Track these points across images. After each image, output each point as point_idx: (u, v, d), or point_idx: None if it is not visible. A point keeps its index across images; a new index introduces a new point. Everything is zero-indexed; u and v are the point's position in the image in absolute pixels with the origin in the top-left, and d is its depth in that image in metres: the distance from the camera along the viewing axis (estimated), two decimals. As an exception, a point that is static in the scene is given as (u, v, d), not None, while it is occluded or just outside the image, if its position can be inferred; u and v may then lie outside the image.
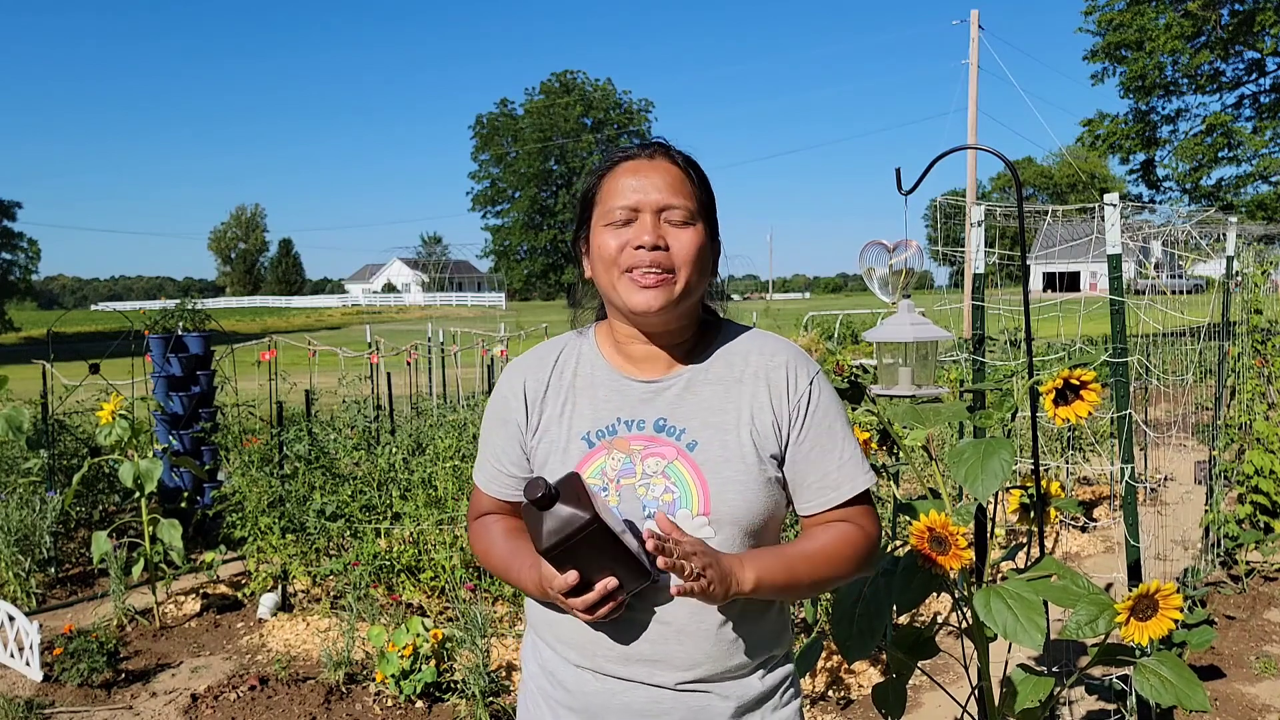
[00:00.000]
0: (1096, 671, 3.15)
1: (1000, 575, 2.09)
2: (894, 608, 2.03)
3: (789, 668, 1.53)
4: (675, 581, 1.29)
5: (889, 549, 2.23)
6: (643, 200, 1.39)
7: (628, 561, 1.31)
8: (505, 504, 1.56)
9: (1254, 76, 24.43)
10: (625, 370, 1.49)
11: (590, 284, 1.51)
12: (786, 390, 1.46)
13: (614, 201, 1.41)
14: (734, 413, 1.44)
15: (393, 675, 3.77)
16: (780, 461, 1.46)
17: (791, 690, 1.53)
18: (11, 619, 4.26)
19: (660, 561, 1.25)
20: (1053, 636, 2.21)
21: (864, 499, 1.50)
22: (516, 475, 1.53)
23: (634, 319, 1.45)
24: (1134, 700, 3.06)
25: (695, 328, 1.50)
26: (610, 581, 1.30)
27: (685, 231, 1.40)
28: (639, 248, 1.38)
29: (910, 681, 2.20)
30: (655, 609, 1.39)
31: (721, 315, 1.58)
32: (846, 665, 3.94)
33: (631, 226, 1.40)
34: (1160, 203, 25.01)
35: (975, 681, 2.37)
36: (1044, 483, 2.31)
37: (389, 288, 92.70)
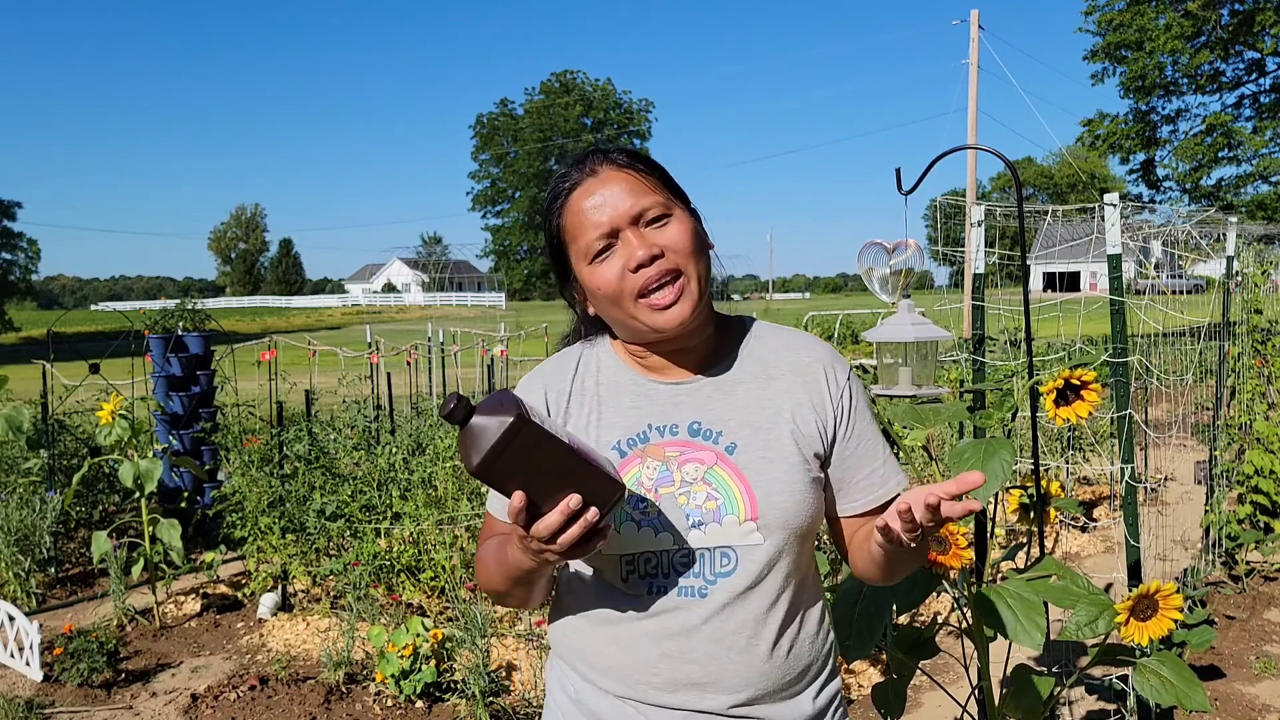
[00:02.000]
0: (1096, 671, 3.15)
1: (1000, 575, 2.09)
2: (894, 608, 2.03)
3: (838, 684, 1.44)
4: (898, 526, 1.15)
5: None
6: (615, 216, 1.28)
7: (586, 472, 1.14)
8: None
9: (1254, 76, 24.44)
10: (649, 375, 1.39)
11: (595, 318, 1.41)
12: (827, 388, 1.38)
13: (586, 235, 1.30)
14: (772, 411, 1.35)
15: (393, 675, 3.77)
16: (823, 462, 1.37)
17: (841, 710, 1.43)
18: (11, 619, 4.26)
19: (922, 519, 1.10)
20: (1053, 636, 2.21)
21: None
22: None
23: (661, 340, 1.34)
24: (1134, 700, 3.06)
25: (713, 325, 1.39)
26: (573, 499, 1.13)
27: (669, 226, 1.30)
28: (639, 267, 1.27)
29: (910, 681, 2.20)
30: (704, 627, 1.30)
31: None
32: (846, 665, 3.94)
33: (616, 251, 1.29)
34: (1160, 203, 25.01)
35: (975, 681, 2.37)
36: (1044, 483, 2.31)
37: (389, 288, 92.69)
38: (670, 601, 1.30)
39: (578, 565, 1.39)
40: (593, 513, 1.15)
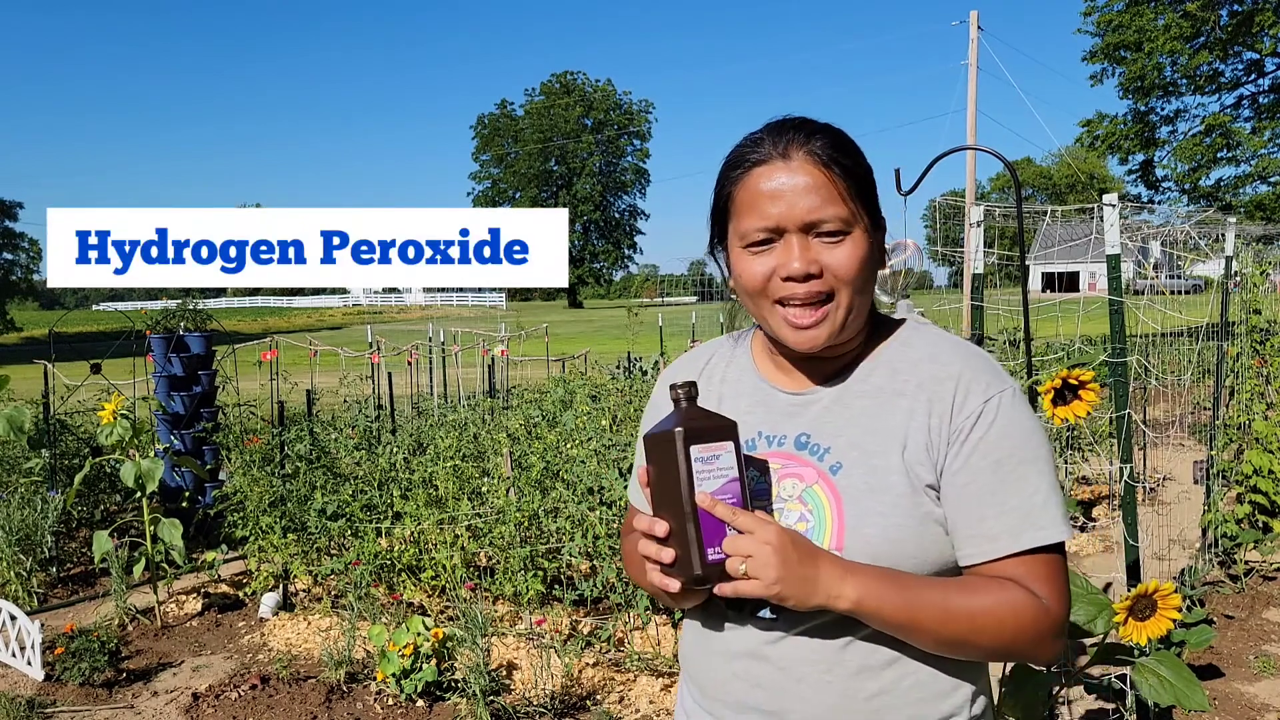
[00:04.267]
0: (1096, 671, 3.16)
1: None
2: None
3: None
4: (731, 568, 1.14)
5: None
6: (785, 218, 1.17)
7: (684, 527, 1.13)
8: None
9: (1253, 77, 24.46)
10: (774, 379, 1.31)
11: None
12: (951, 407, 1.19)
13: (751, 221, 1.19)
14: (886, 432, 1.20)
15: (393, 674, 3.78)
16: (939, 495, 1.20)
17: None
18: (13, 618, 4.27)
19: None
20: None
21: (1044, 560, 1.18)
22: None
23: (792, 353, 1.27)
24: (1133, 699, 3.07)
25: (862, 336, 1.27)
26: (657, 523, 1.15)
27: (841, 246, 1.17)
28: (789, 278, 1.17)
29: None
30: (771, 648, 1.20)
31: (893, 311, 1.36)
32: None
33: (775, 249, 1.19)
34: (1159, 203, 25.04)
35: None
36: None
37: (390, 288, 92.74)
38: (743, 619, 1.23)
39: None
40: (668, 554, 1.15)
